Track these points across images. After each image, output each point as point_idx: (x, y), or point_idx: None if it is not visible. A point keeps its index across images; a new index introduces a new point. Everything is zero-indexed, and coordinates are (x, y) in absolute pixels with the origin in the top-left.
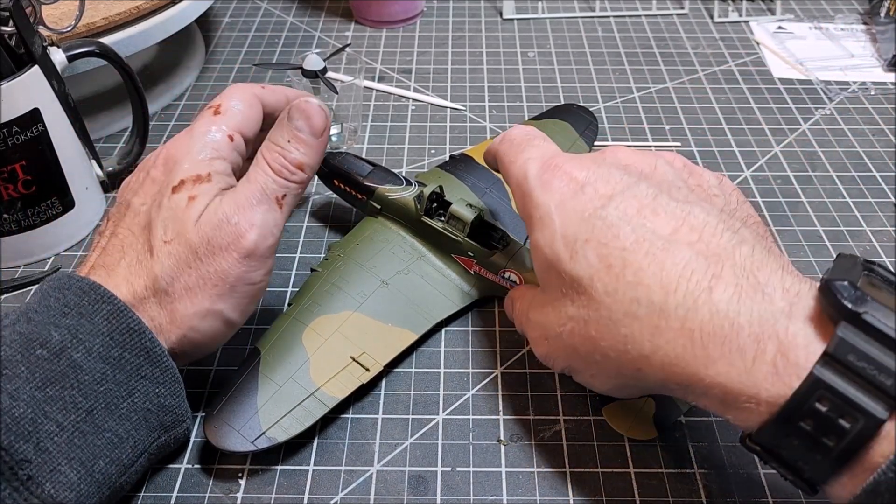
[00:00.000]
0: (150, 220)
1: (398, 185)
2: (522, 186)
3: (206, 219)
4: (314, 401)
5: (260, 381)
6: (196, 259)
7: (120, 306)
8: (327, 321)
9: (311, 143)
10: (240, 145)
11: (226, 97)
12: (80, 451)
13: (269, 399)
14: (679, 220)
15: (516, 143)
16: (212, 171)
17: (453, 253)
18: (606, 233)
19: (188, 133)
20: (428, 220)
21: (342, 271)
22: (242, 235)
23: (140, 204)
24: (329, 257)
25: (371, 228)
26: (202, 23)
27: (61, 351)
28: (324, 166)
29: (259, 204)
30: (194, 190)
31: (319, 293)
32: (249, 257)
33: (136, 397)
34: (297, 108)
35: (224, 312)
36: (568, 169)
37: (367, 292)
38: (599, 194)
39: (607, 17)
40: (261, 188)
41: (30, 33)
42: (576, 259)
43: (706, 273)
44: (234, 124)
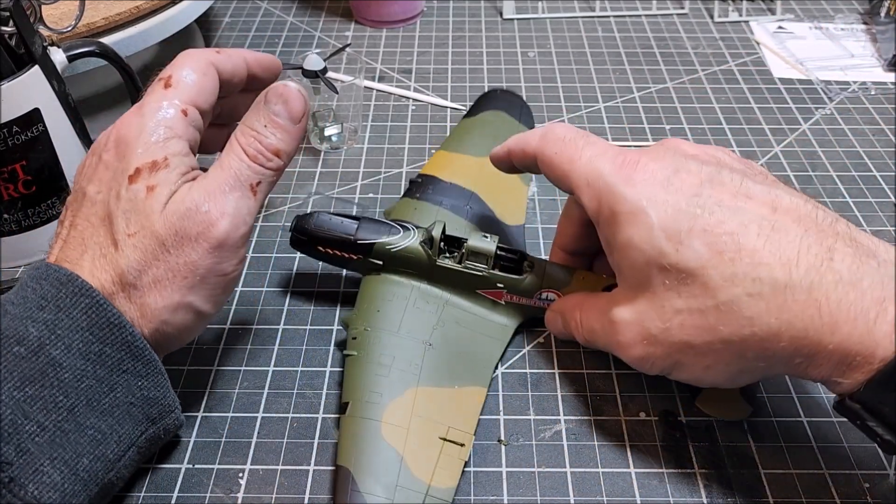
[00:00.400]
0: (109, 212)
1: (395, 233)
2: (597, 185)
3: (173, 208)
4: (432, 500)
5: (368, 500)
6: (164, 250)
7: (99, 299)
8: (397, 408)
9: (289, 128)
10: (195, 119)
11: (177, 67)
12: (63, 451)
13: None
14: (772, 201)
15: (569, 141)
16: (168, 155)
17: (478, 289)
18: (709, 220)
19: (138, 111)
20: (444, 263)
21: (379, 347)
22: (213, 224)
23: (96, 192)
24: (356, 336)
25: (381, 288)
26: (202, 23)
27: (39, 348)
28: (300, 234)
29: (232, 191)
30: (152, 179)
31: (371, 380)
32: (220, 247)
33: (118, 392)
34: (274, 92)
35: (195, 304)
36: (646, 162)
37: (418, 361)
38: (688, 184)
39: (607, 17)
40: (234, 174)
41: (30, 33)
42: (682, 250)
43: (822, 245)
44: (188, 97)
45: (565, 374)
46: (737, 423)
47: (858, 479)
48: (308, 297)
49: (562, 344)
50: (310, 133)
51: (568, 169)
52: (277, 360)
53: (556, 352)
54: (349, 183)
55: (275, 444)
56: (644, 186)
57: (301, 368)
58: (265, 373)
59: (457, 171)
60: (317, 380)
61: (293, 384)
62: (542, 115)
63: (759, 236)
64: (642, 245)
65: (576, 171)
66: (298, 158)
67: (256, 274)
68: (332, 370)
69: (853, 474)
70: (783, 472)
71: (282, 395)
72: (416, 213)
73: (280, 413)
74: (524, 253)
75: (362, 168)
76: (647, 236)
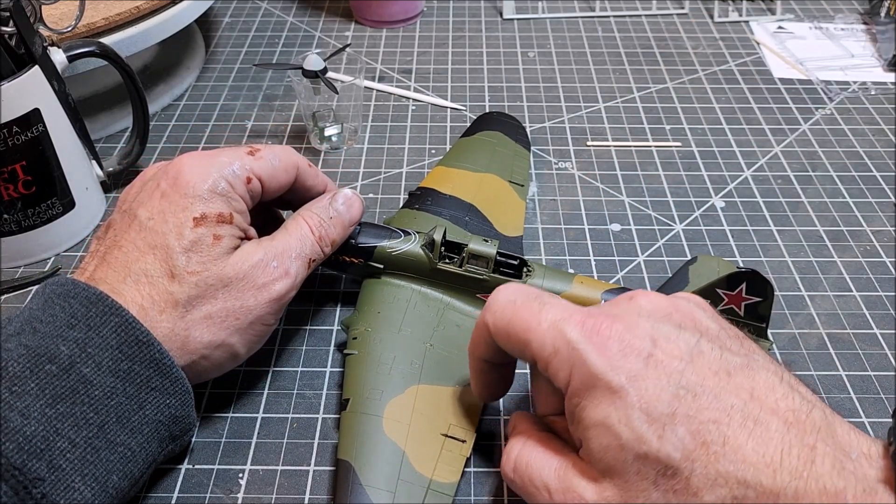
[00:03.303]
0: (165, 244)
1: (395, 238)
2: (566, 353)
3: (243, 257)
4: (434, 495)
5: (370, 493)
6: (225, 290)
7: (128, 318)
8: (398, 405)
9: (346, 227)
10: (255, 191)
11: (269, 149)
12: (94, 468)
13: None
14: (749, 379)
15: (521, 305)
16: (233, 212)
17: (478, 293)
18: (693, 404)
19: (209, 158)
20: (445, 266)
21: (381, 347)
22: (278, 280)
23: (147, 218)
24: (356, 336)
25: (383, 291)
26: (202, 23)
27: (70, 366)
28: None
29: (297, 258)
30: (218, 230)
31: (373, 377)
32: (276, 301)
33: (146, 409)
34: (344, 196)
35: (235, 346)
36: (620, 331)
37: (419, 360)
38: (669, 357)
39: (607, 17)
40: (300, 245)
41: (30, 33)
42: (665, 438)
43: (803, 445)
44: (260, 171)
45: None
46: None
47: None
48: (308, 297)
49: None
50: (310, 133)
51: (526, 338)
52: (277, 360)
53: None
54: (349, 183)
55: (275, 445)
56: (622, 360)
57: (301, 369)
58: (265, 373)
59: (456, 185)
60: (317, 380)
61: (293, 384)
62: (543, 115)
63: (743, 428)
64: (619, 427)
65: (537, 338)
66: None
67: None
68: (332, 370)
69: None
70: None
71: (282, 395)
72: (415, 223)
73: (280, 413)
74: (524, 259)
75: (362, 168)
76: (626, 418)
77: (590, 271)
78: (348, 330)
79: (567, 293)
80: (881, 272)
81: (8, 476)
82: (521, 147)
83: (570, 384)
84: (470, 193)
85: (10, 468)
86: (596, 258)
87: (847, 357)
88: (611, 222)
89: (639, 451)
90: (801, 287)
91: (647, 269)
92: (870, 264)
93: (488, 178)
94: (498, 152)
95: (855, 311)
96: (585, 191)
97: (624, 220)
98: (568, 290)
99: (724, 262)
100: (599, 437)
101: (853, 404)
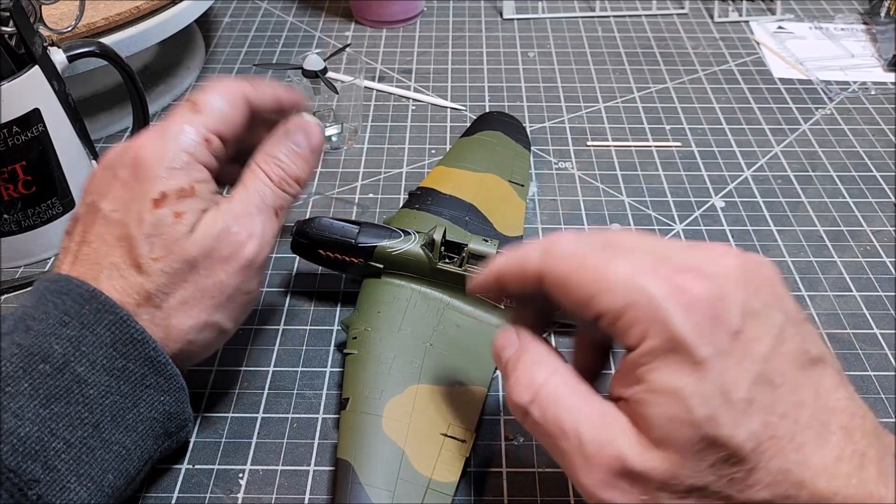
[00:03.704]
0: (128, 234)
1: (395, 237)
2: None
3: (204, 231)
4: (433, 494)
5: (369, 493)
6: (194, 272)
7: (122, 315)
8: (398, 404)
9: (309, 158)
10: (217, 149)
11: (207, 92)
12: (89, 467)
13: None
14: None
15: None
16: (194, 183)
17: None
18: (770, 396)
19: (160, 133)
20: (445, 266)
21: (381, 346)
22: (243, 245)
23: (111, 210)
24: (356, 335)
25: (382, 291)
26: (202, 23)
27: (64, 365)
28: (301, 238)
29: (259, 213)
30: (179, 206)
31: (372, 377)
32: (248, 267)
33: (141, 407)
34: (296, 125)
35: (220, 323)
36: (708, 295)
37: (419, 360)
38: (759, 338)
39: (607, 17)
40: (260, 198)
41: (30, 33)
42: (740, 425)
43: (855, 450)
44: (214, 125)
45: None
46: None
47: None
48: (308, 297)
49: (562, 344)
50: None
51: (594, 290)
52: (277, 360)
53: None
54: (349, 183)
55: (275, 445)
56: (710, 330)
57: (301, 369)
58: (265, 373)
59: (456, 185)
60: (317, 380)
61: (293, 384)
62: (543, 115)
63: (809, 428)
64: (693, 401)
65: (606, 292)
66: None
67: None
68: (332, 370)
69: None
70: None
71: (282, 395)
72: (415, 223)
73: (280, 413)
74: None
75: (362, 168)
76: (704, 395)
77: None
78: (348, 329)
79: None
80: (881, 272)
81: (3, 479)
82: (521, 147)
83: (643, 342)
84: (470, 193)
85: (5, 471)
86: None
87: (847, 357)
88: (611, 222)
89: (709, 432)
90: (801, 287)
91: None
92: (870, 264)
93: (488, 178)
94: (498, 152)
95: (855, 311)
96: (585, 191)
97: (624, 220)
98: None
99: None
100: (666, 406)
101: None
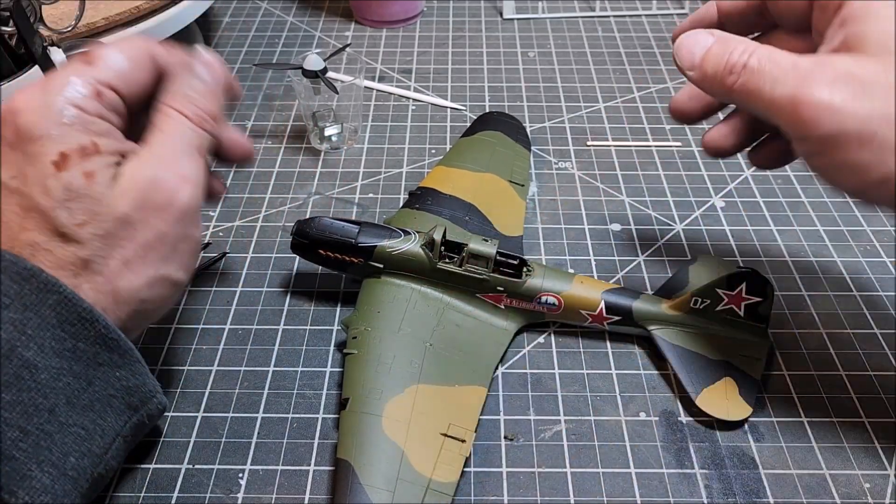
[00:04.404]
0: (36, 204)
1: (395, 237)
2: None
3: (130, 185)
4: (433, 494)
5: (369, 493)
6: (129, 228)
7: (67, 294)
8: (398, 404)
9: (217, 92)
10: (112, 101)
11: (107, 47)
12: (49, 453)
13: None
14: None
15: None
16: (95, 139)
17: (478, 292)
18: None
19: (42, 86)
20: (445, 265)
21: (380, 346)
22: (178, 191)
23: (10, 178)
24: (356, 335)
25: (382, 291)
26: (202, 23)
27: (11, 351)
28: (301, 238)
29: (184, 156)
30: (86, 165)
31: (372, 377)
32: (187, 212)
33: (96, 386)
34: (199, 62)
35: (171, 275)
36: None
37: (419, 360)
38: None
39: (607, 17)
40: (182, 140)
41: (30, 33)
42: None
43: None
44: (108, 77)
45: (565, 374)
46: (737, 423)
47: (858, 479)
48: (308, 297)
49: (562, 344)
50: (310, 133)
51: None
52: (277, 360)
53: (556, 352)
54: (349, 183)
55: (275, 445)
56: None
57: (301, 369)
58: (265, 373)
59: (456, 185)
60: (317, 380)
61: (293, 384)
62: (543, 115)
63: None
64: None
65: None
66: (298, 158)
67: (256, 274)
68: (332, 370)
69: (853, 475)
70: (783, 472)
71: (282, 395)
72: (415, 223)
73: (280, 413)
74: (524, 258)
75: (362, 168)
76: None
77: (590, 271)
78: (348, 329)
79: (567, 293)
80: (881, 272)
81: None
82: (521, 147)
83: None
84: (470, 193)
85: None
86: (596, 258)
87: (847, 357)
88: (611, 222)
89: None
90: (801, 287)
91: (647, 269)
92: (870, 264)
93: (488, 177)
94: (498, 152)
95: (855, 311)
96: (585, 191)
97: (624, 220)
98: (568, 290)
99: (724, 262)
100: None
101: (853, 404)
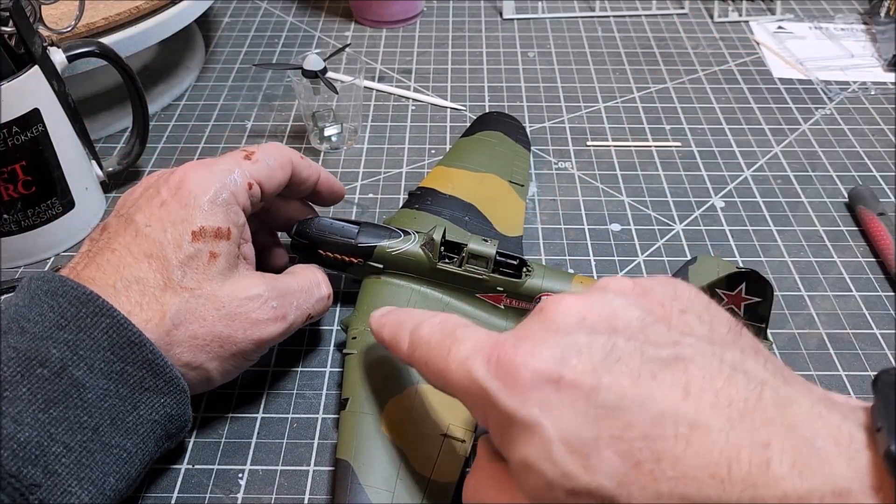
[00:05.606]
0: (163, 255)
1: (395, 237)
2: (475, 394)
3: (242, 285)
4: (433, 494)
5: (369, 493)
6: (217, 314)
7: (119, 319)
8: (397, 405)
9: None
10: (255, 195)
11: (263, 150)
12: (90, 471)
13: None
14: (681, 373)
15: (435, 345)
16: (231, 226)
17: (478, 293)
18: (616, 424)
19: (209, 167)
20: (445, 266)
21: (380, 346)
22: (274, 322)
23: (145, 224)
24: (356, 335)
25: (382, 291)
26: (202, 23)
27: (62, 369)
28: (302, 238)
29: (297, 308)
30: (215, 246)
31: (371, 377)
32: (266, 341)
33: (141, 410)
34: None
35: (211, 372)
36: (523, 357)
37: None
38: (582, 374)
39: (607, 17)
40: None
41: (30, 33)
42: (592, 468)
43: (753, 444)
44: (259, 175)
45: None
46: None
47: None
48: None
49: None
50: (310, 133)
51: (442, 382)
52: (277, 360)
53: None
54: (349, 183)
55: (275, 445)
56: (532, 390)
57: (301, 368)
58: (265, 373)
59: (456, 185)
60: (316, 380)
61: (293, 384)
62: (542, 115)
63: (677, 438)
64: (542, 465)
65: (451, 382)
66: None
67: None
68: (331, 370)
69: None
70: None
71: (281, 395)
72: (415, 223)
73: (280, 413)
74: (524, 259)
75: (362, 168)
76: (547, 454)
77: (590, 271)
78: (348, 329)
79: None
80: (881, 272)
81: (4, 484)
82: (521, 147)
83: (488, 426)
84: (470, 193)
85: (6, 476)
86: (596, 258)
87: (847, 357)
88: (611, 222)
89: (568, 486)
90: (801, 287)
91: (647, 269)
92: (870, 264)
93: (488, 178)
94: (498, 152)
95: (855, 311)
96: (585, 191)
97: (624, 220)
98: (567, 290)
99: (724, 262)
100: (527, 478)
101: None
